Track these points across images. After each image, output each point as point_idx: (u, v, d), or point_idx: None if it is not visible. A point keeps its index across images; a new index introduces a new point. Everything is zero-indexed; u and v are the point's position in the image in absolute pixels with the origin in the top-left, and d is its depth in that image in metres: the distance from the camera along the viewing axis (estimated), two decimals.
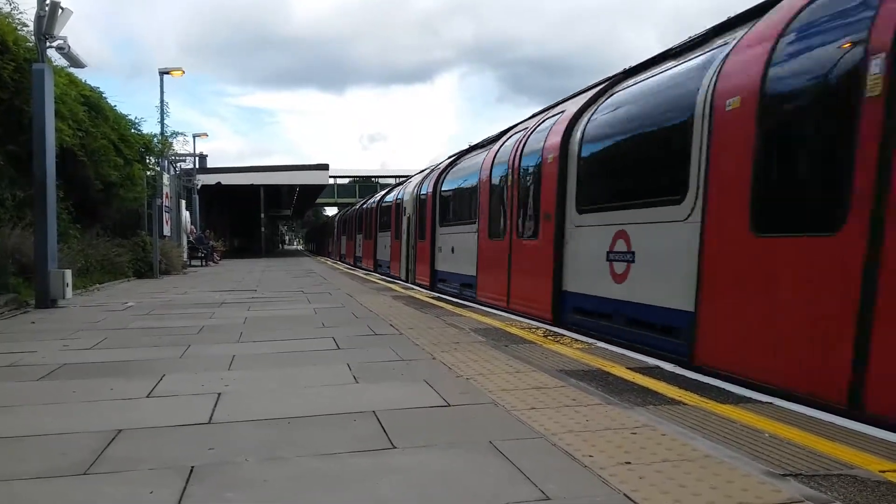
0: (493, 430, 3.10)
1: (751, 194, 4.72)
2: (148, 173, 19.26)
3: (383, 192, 24.04)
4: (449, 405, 3.61)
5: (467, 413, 3.45)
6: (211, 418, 3.40)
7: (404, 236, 17.79)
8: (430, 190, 14.82)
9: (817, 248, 4.19)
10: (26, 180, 10.48)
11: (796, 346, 4.29)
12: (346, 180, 65.43)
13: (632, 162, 6.97)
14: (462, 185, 12.86)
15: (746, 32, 5.18)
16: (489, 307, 9.29)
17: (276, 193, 42.05)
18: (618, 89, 7.63)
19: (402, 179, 25.32)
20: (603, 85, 8.13)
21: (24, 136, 10.22)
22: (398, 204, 18.87)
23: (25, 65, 10.65)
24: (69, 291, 9.39)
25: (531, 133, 9.31)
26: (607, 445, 2.84)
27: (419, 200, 16.14)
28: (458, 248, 12.52)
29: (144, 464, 2.70)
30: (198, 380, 4.31)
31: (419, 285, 14.72)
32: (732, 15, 5.87)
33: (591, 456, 2.71)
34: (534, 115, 10.22)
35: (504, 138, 10.85)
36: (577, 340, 5.91)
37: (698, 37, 6.39)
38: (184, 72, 22.25)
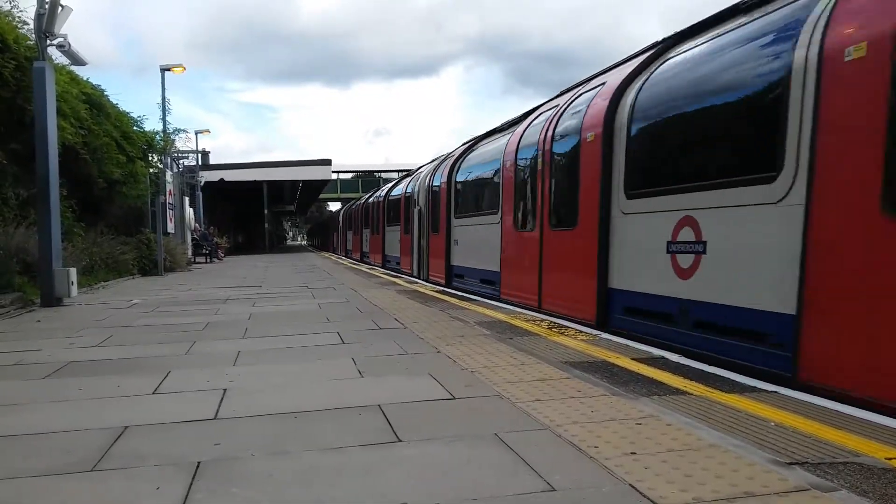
0: (499, 423, 3.10)
1: None
2: (151, 171, 19.28)
3: (390, 186, 23.96)
4: (454, 398, 3.61)
5: (472, 406, 3.45)
6: (217, 414, 3.41)
7: (415, 230, 16.79)
8: (445, 180, 13.77)
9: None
10: (29, 179, 10.51)
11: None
12: (349, 175, 65.52)
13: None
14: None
15: None
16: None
17: (279, 189, 42.10)
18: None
19: (404, 173, 25.27)
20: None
21: (26, 135, 10.24)
22: (408, 197, 18.05)
23: (26, 63, 10.65)
24: (74, 289, 9.41)
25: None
26: (612, 436, 2.84)
27: (432, 192, 15.05)
28: (479, 241, 11.56)
29: (151, 460, 2.71)
30: (203, 376, 4.32)
31: (433, 282, 13.96)
32: None
33: (596, 447, 2.71)
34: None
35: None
36: (581, 332, 5.90)
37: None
38: (185, 68, 22.21)
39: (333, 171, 44.55)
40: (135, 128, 18.48)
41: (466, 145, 13.69)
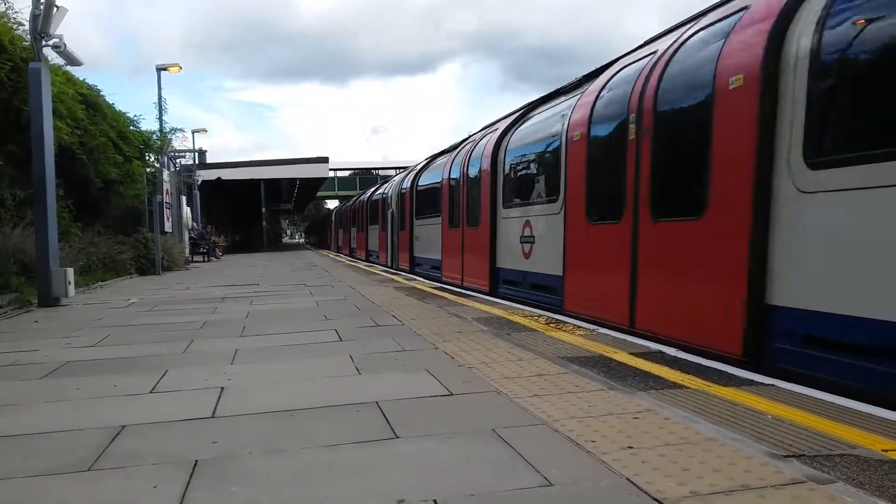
0: (496, 418, 3.10)
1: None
2: (148, 170, 19.26)
3: (372, 190, 27.17)
4: (452, 394, 3.62)
5: (470, 402, 3.46)
6: (214, 412, 3.41)
7: (389, 228, 20.60)
8: (409, 187, 17.46)
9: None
10: (26, 180, 10.47)
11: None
12: (346, 173, 65.45)
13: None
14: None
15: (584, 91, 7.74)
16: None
17: (276, 187, 42.03)
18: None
19: (400, 171, 25.74)
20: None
21: (23, 136, 10.22)
22: (384, 200, 21.59)
23: (22, 64, 10.63)
24: (71, 289, 9.40)
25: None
26: (610, 431, 2.85)
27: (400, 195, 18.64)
28: (429, 236, 15.10)
29: (148, 459, 2.71)
30: (201, 374, 4.32)
31: (401, 269, 17.38)
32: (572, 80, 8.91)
33: (593, 441, 2.71)
34: (464, 141, 13.75)
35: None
36: (579, 327, 5.91)
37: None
38: (181, 68, 22.13)
39: (331, 169, 44.46)
40: (131, 127, 18.44)
41: (426, 161, 17.20)
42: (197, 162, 29.85)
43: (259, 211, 40.85)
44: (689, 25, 5.91)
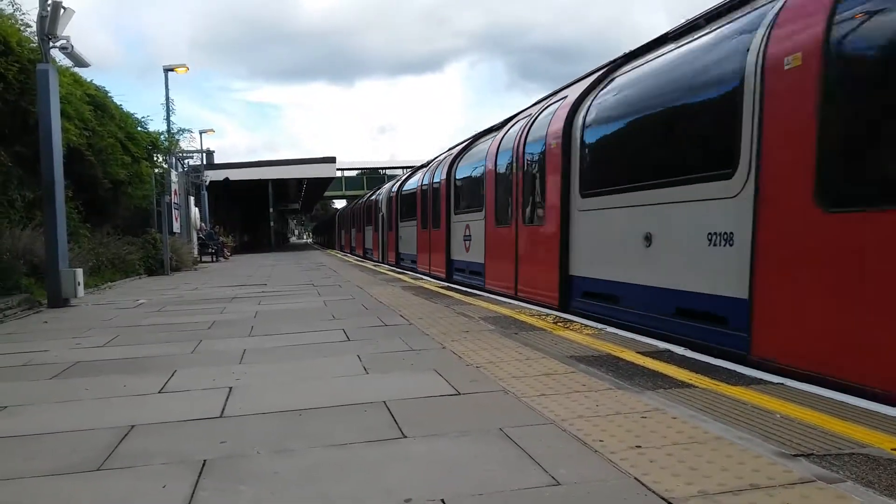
0: (504, 418, 3.10)
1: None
2: (156, 171, 19.32)
3: (368, 195, 31.40)
4: (459, 394, 3.62)
5: (477, 401, 3.46)
6: (223, 412, 3.42)
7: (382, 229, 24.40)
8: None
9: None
10: (35, 181, 10.54)
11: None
12: (353, 173, 65.49)
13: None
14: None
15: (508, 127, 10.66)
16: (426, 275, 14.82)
17: (284, 187, 42.13)
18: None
19: (407, 170, 25.91)
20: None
21: (31, 137, 10.26)
22: (377, 205, 24.96)
23: (30, 66, 10.65)
24: (81, 290, 9.46)
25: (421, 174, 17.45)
26: (618, 430, 2.84)
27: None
28: (409, 235, 18.43)
29: (157, 458, 2.72)
30: (209, 374, 4.34)
31: (389, 264, 20.48)
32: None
33: (601, 441, 2.71)
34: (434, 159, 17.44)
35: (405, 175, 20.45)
36: (586, 326, 5.90)
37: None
38: (188, 68, 22.19)
39: (338, 169, 44.61)
40: (139, 128, 18.50)
41: (409, 173, 20.86)
42: (205, 162, 29.96)
43: (267, 211, 40.96)
44: (547, 100, 8.88)
